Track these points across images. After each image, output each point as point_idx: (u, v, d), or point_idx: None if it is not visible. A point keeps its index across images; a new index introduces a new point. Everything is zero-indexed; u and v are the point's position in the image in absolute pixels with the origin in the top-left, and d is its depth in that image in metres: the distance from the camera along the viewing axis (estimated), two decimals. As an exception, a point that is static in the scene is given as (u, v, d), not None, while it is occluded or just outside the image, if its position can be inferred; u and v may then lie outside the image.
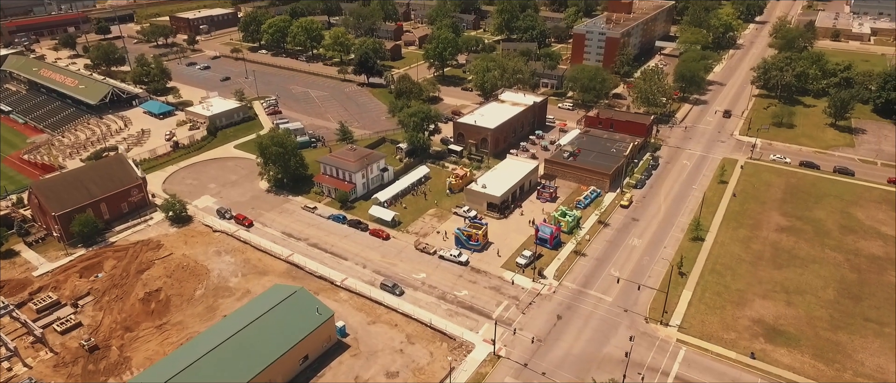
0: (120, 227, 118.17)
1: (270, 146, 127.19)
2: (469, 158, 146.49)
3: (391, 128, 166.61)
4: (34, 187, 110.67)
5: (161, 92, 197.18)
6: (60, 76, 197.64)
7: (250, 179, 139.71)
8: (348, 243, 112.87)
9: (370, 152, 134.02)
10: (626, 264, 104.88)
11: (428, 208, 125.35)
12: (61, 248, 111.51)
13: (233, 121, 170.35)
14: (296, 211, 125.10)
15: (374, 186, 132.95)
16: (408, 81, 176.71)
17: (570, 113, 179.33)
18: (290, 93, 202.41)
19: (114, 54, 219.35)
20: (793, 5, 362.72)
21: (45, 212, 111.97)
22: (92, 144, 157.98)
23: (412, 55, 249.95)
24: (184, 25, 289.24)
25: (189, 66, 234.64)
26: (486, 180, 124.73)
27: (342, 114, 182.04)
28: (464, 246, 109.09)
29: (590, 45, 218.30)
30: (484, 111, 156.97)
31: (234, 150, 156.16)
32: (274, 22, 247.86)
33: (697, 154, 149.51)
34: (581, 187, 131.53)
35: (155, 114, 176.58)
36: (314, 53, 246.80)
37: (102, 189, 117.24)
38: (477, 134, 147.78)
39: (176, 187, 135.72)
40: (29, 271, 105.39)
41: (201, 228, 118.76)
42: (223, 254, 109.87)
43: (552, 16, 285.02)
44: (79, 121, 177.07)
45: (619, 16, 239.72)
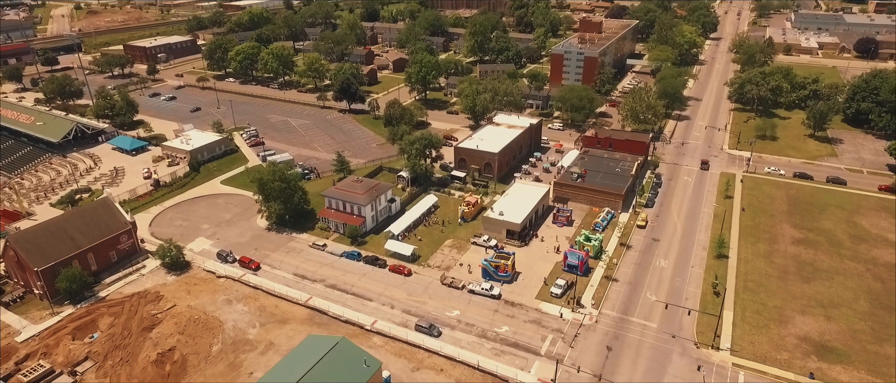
0: (110, 279, 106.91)
1: (272, 181, 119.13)
2: (473, 184, 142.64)
3: (386, 156, 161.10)
4: (11, 240, 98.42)
5: (128, 126, 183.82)
6: (13, 112, 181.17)
7: (246, 217, 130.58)
8: (368, 282, 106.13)
9: (377, 183, 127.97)
10: (659, 287, 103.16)
11: (444, 239, 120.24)
12: (45, 307, 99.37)
13: (215, 154, 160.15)
14: (304, 249, 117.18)
15: (382, 218, 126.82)
16: (397, 107, 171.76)
17: (561, 133, 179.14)
18: (268, 122, 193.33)
19: (70, 87, 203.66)
20: (738, 22, 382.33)
21: (24, 268, 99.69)
22: (60, 186, 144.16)
23: (387, 79, 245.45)
24: (140, 54, 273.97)
25: (153, 96, 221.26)
26: (502, 207, 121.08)
27: (329, 142, 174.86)
28: (492, 277, 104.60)
29: (568, 65, 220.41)
30: (483, 135, 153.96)
31: (222, 186, 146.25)
32: (242, 49, 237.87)
33: (696, 169, 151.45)
34: (593, 209, 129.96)
35: (126, 151, 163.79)
36: (286, 80, 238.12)
37: (88, 238, 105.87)
38: (480, 159, 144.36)
39: (165, 230, 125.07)
40: (11, 336, 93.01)
41: (203, 275, 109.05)
42: (234, 302, 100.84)
43: (521, 37, 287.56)
44: (39, 160, 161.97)
45: (591, 36, 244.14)
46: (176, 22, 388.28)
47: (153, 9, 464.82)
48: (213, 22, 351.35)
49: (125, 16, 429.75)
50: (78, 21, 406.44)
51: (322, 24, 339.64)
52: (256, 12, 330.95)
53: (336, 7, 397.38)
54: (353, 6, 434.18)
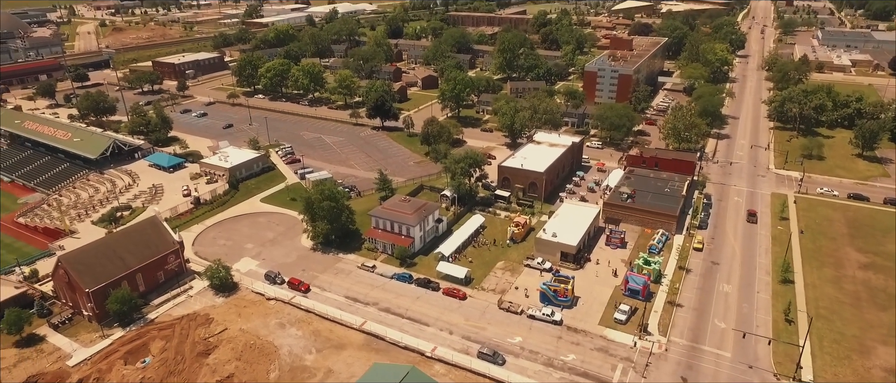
0: (158, 300, 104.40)
1: (321, 201, 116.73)
2: (518, 204, 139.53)
3: (425, 174, 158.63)
4: (63, 260, 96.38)
5: (163, 142, 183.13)
6: (50, 128, 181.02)
7: (290, 236, 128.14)
8: (423, 306, 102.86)
9: (425, 202, 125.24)
10: (726, 313, 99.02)
11: (494, 261, 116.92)
12: (95, 330, 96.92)
13: (252, 172, 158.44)
14: (352, 271, 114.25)
15: (429, 239, 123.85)
16: (436, 125, 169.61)
17: (600, 151, 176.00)
18: (301, 139, 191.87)
19: (104, 103, 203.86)
20: (763, 39, 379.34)
21: (74, 288, 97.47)
22: (100, 203, 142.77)
23: (416, 96, 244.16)
24: (169, 70, 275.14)
25: (184, 113, 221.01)
26: (554, 228, 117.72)
27: (366, 160, 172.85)
28: (551, 302, 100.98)
29: (602, 83, 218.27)
30: (525, 154, 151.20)
31: (262, 204, 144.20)
32: (272, 66, 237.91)
33: (744, 189, 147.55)
34: (646, 230, 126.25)
35: (164, 168, 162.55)
36: (316, 97, 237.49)
37: (137, 258, 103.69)
38: (524, 178, 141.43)
39: (208, 249, 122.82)
40: (62, 360, 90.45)
41: (252, 297, 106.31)
42: (287, 326, 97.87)
43: (547, 54, 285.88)
44: (76, 177, 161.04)
45: (623, 53, 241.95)
46: (200, 38, 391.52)
47: (177, 26, 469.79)
48: (238, 38, 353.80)
49: (150, 32, 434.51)
50: (104, 38, 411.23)
51: (346, 40, 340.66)
52: (282, 29, 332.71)
53: (358, 24, 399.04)
54: (374, 23, 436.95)
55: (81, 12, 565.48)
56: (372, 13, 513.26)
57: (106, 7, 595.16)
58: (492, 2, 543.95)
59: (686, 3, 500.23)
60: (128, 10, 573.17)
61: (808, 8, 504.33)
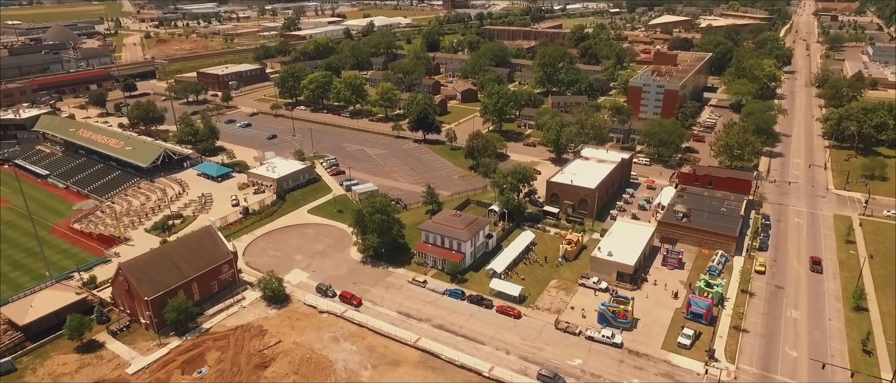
0: (212, 310, 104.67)
1: (373, 213, 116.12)
2: (567, 221, 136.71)
3: (470, 188, 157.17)
4: (123, 268, 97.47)
5: (210, 152, 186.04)
6: (103, 137, 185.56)
7: (339, 249, 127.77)
8: (477, 323, 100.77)
9: (476, 218, 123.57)
10: (797, 341, 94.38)
11: (547, 279, 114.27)
12: (152, 338, 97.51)
13: (299, 183, 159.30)
14: (403, 285, 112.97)
15: (479, 255, 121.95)
16: (481, 139, 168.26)
17: (648, 168, 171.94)
18: (344, 151, 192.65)
19: (153, 112, 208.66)
20: (809, 55, 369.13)
21: (133, 296, 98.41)
22: (152, 211, 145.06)
23: (456, 109, 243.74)
24: (213, 81, 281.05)
25: (228, 123, 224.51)
26: (609, 247, 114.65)
27: (409, 173, 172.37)
28: (610, 324, 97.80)
29: (647, 98, 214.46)
30: (574, 169, 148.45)
31: (309, 216, 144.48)
32: (314, 78, 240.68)
33: (804, 210, 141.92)
34: (703, 251, 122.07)
35: (212, 177, 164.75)
36: (357, 109, 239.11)
37: (194, 267, 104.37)
38: (574, 194, 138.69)
39: (259, 260, 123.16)
40: (121, 368, 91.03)
41: (304, 309, 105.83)
42: (341, 340, 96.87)
43: (588, 69, 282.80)
44: (128, 185, 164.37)
45: (667, 68, 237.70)
46: (241, 50, 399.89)
47: (217, 38, 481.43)
48: (278, 51, 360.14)
49: (192, 44, 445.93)
50: (149, 49, 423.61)
51: (384, 53, 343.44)
52: (322, 42, 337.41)
53: (394, 37, 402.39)
54: (410, 36, 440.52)
55: (127, 24, 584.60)
56: (407, 26, 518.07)
57: (150, 19, 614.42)
58: (526, 16, 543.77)
59: (726, 18, 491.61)
60: (171, 22, 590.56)
61: (855, 23, 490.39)
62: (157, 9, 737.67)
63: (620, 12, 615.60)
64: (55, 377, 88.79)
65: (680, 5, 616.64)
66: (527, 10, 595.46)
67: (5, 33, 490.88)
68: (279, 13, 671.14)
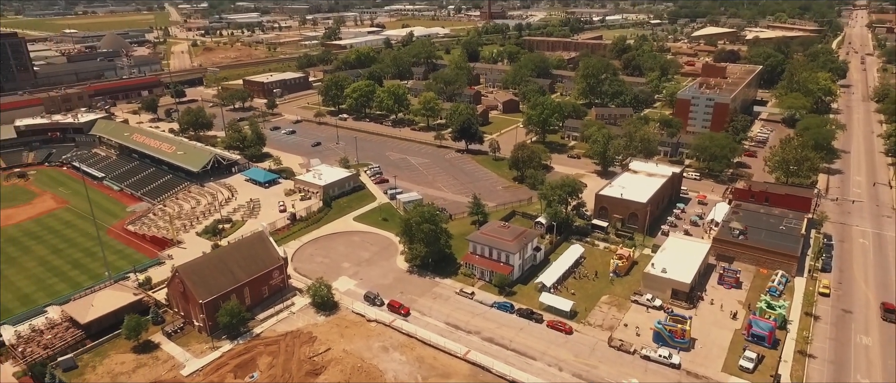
0: (262, 315, 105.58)
1: (421, 223, 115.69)
2: (616, 235, 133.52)
3: (515, 200, 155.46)
4: (180, 270, 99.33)
5: (256, 158, 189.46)
6: (155, 141, 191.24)
7: (385, 257, 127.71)
8: (527, 338, 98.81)
9: (525, 230, 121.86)
10: (870, 369, 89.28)
11: (598, 294, 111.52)
12: (205, 340, 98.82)
13: (344, 190, 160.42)
14: (451, 296, 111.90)
15: (527, 267, 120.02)
16: (526, 150, 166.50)
17: (698, 183, 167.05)
18: (387, 159, 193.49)
19: (203, 118, 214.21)
20: (864, 68, 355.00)
21: (188, 299, 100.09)
22: (203, 215, 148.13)
23: (497, 120, 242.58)
24: (258, 89, 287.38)
25: (273, 130, 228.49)
26: (663, 263, 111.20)
27: (453, 183, 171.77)
28: (667, 343, 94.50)
29: (696, 111, 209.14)
30: (623, 183, 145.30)
31: (355, 223, 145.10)
32: (358, 86, 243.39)
33: (869, 231, 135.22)
34: (761, 270, 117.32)
35: (260, 183, 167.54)
36: (399, 117, 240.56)
37: (246, 271, 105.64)
38: (624, 208, 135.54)
39: (306, 266, 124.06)
40: (175, 369, 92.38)
41: (352, 317, 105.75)
42: (390, 350, 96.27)
43: (631, 80, 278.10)
44: (179, 188, 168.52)
45: (716, 81, 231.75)
46: (284, 59, 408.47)
47: (261, 46, 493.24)
48: (321, 60, 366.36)
49: (237, 52, 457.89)
50: (196, 57, 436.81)
51: (424, 63, 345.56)
52: (363, 51, 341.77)
53: (434, 47, 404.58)
54: (448, 46, 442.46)
55: (175, 33, 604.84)
56: (445, 37, 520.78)
57: (196, 28, 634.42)
58: (565, 27, 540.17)
59: (773, 30, 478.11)
60: (216, 31, 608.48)
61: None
62: (204, 18, 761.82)
63: (661, 24, 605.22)
64: (114, 376, 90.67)
65: (724, 17, 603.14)
66: (565, 21, 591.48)
67: (63, 41, 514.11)
68: (320, 23, 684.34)
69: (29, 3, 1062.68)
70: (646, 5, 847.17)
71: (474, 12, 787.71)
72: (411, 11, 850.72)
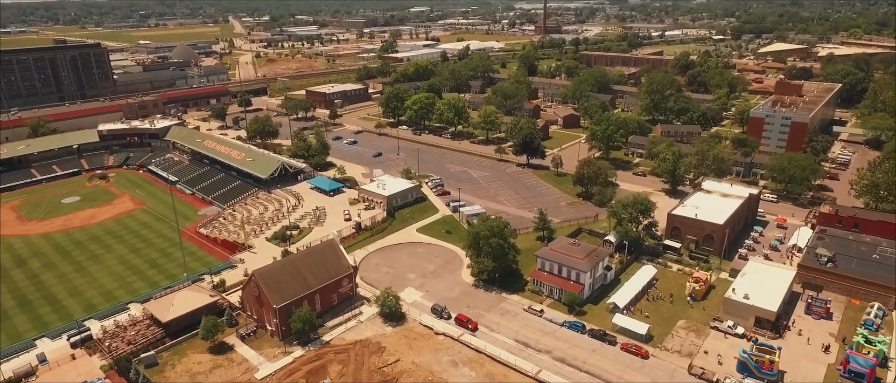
0: (332, 322, 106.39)
1: (490, 237, 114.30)
2: (690, 257, 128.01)
3: (580, 217, 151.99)
4: (256, 275, 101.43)
5: (320, 167, 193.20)
6: (225, 148, 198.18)
7: (450, 270, 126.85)
8: (600, 360, 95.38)
9: (596, 248, 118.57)
10: None
11: (674, 318, 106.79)
12: (276, 345, 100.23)
13: (407, 201, 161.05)
14: (519, 313, 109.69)
15: (597, 287, 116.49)
16: (592, 166, 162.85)
17: (775, 205, 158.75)
18: (448, 171, 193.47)
19: (269, 127, 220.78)
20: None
21: (262, 303, 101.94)
22: (271, 221, 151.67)
23: (558, 134, 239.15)
24: (320, 99, 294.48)
25: (335, 140, 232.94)
26: (745, 289, 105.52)
27: (515, 197, 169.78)
28: (752, 374, 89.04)
29: (770, 130, 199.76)
30: (696, 202, 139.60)
31: (418, 234, 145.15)
32: (418, 99, 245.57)
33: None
34: (853, 301, 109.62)
35: (325, 191, 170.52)
36: (458, 130, 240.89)
37: (317, 279, 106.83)
38: (699, 229, 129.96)
39: (372, 275, 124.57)
40: (249, 372, 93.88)
41: (420, 329, 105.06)
42: (460, 365, 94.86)
43: (697, 97, 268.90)
44: (247, 194, 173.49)
45: (791, 99, 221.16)
46: (343, 70, 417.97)
47: (320, 58, 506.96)
48: (379, 72, 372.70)
49: (298, 64, 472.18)
50: (260, 67, 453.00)
51: (481, 77, 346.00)
52: (422, 64, 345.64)
53: (491, 60, 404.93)
54: (504, 60, 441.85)
55: (239, 44, 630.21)
56: (500, 51, 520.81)
57: (259, 40, 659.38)
58: (623, 42, 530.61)
59: (849, 47, 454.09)
60: (277, 43, 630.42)
61: None
62: (265, 31, 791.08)
63: (724, 40, 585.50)
64: (192, 375, 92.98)
65: (792, 33, 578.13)
66: (623, 36, 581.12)
67: (137, 51, 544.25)
68: (376, 36, 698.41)
69: (107, 15, 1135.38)
70: (706, 21, 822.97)
71: (528, 27, 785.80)
72: (465, 26, 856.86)
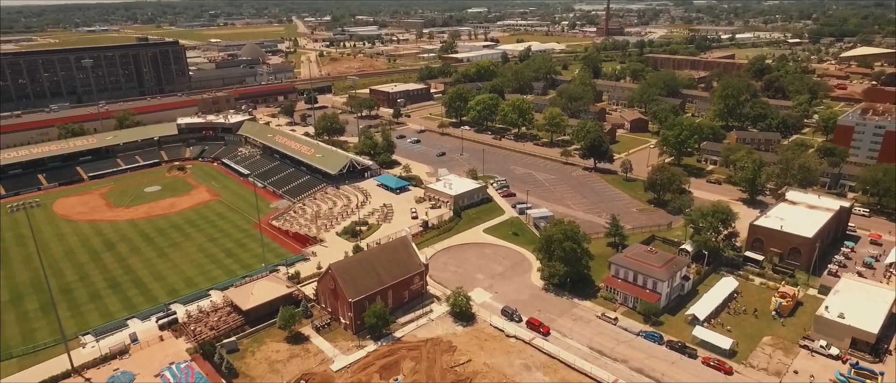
0: (402, 319, 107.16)
1: (563, 241, 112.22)
2: (774, 271, 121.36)
3: (652, 224, 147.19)
4: (333, 268, 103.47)
5: (386, 165, 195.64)
6: (296, 143, 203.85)
7: (518, 272, 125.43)
8: (680, 373, 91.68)
9: (674, 257, 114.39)
10: None
11: (758, 334, 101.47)
12: (350, 338, 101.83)
13: (473, 201, 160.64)
14: (592, 320, 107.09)
15: (674, 297, 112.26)
16: (666, 172, 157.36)
17: (868, 220, 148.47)
18: (512, 173, 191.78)
19: (336, 124, 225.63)
20: None
21: (338, 297, 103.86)
22: (340, 216, 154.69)
23: (624, 139, 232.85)
24: (383, 98, 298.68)
25: (399, 138, 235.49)
26: (839, 307, 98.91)
27: (582, 201, 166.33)
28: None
29: (860, 139, 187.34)
30: (780, 214, 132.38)
31: (484, 235, 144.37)
32: (482, 99, 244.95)
33: None
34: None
35: (391, 189, 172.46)
36: (522, 132, 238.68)
37: (390, 275, 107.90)
38: (785, 242, 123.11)
39: (440, 274, 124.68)
40: (325, 363, 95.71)
41: (491, 330, 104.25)
42: (533, 369, 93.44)
43: (775, 103, 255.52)
44: (316, 189, 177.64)
45: (885, 106, 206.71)
46: (405, 70, 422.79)
47: (381, 58, 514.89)
48: (441, 72, 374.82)
49: (360, 63, 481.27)
50: (323, 66, 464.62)
51: (544, 78, 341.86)
52: (484, 65, 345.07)
53: (553, 62, 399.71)
54: (566, 62, 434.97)
55: (303, 44, 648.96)
56: (561, 52, 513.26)
57: (322, 39, 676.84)
58: (690, 44, 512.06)
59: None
60: (340, 42, 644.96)
61: None
62: (327, 30, 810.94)
63: (801, 43, 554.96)
64: (270, 363, 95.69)
65: (878, 36, 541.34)
66: (691, 38, 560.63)
67: (209, 49, 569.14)
68: (435, 36, 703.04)
69: (180, 15, 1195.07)
70: (780, 23, 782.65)
71: (589, 28, 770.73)
72: (524, 27, 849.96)
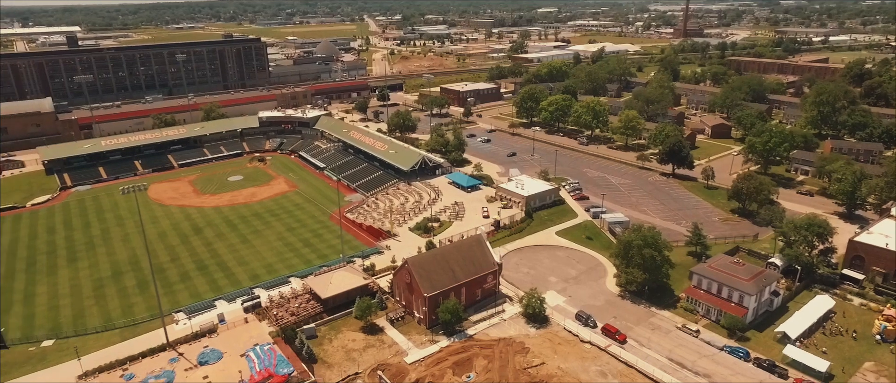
0: (475, 317, 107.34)
1: (642, 247, 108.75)
2: (876, 292, 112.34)
3: (735, 235, 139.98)
4: (410, 263, 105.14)
5: (457, 163, 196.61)
6: (370, 139, 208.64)
7: (593, 277, 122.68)
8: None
9: (763, 270, 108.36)
10: None
11: (858, 359, 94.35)
12: (423, 332, 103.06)
13: (545, 203, 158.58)
14: (671, 330, 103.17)
15: (761, 312, 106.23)
16: (753, 181, 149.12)
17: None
18: (585, 176, 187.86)
19: (408, 121, 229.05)
20: None
21: (413, 291, 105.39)
22: (412, 212, 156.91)
23: (704, 144, 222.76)
24: (454, 97, 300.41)
25: (469, 137, 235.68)
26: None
27: (659, 208, 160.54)
28: (968, 438, 75.95)
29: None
30: (884, 230, 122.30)
31: (557, 238, 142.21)
32: (554, 100, 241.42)
33: None
34: None
35: (462, 187, 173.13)
36: (595, 134, 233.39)
37: (465, 272, 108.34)
38: (890, 261, 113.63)
39: (512, 275, 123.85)
40: (399, 355, 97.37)
41: (564, 335, 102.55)
42: (609, 376, 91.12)
43: (877, 111, 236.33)
44: (389, 185, 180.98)
45: None
46: (474, 70, 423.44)
47: (451, 57, 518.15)
48: (511, 72, 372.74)
49: (429, 62, 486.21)
50: (394, 64, 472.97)
51: (618, 80, 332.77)
52: (555, 65, 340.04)
53: (627, 64, 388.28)
54: (640, 64, 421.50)
55: (374, 42, 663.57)
56: (635, 54, 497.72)
57: (393, 38, 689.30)
58: (777, 47, 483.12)
59: None
60: (410, 41, 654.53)
61: None
62: (398, 29, 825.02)
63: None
64: (347, 351, 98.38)
65: None
66: (777, 40, 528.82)
67: (286, 46, 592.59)
68: (504, 36, 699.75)
69: (259, 13, 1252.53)
70: (881, 25, 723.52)
71: (666, 29, 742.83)
72: (595, 27, 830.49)
